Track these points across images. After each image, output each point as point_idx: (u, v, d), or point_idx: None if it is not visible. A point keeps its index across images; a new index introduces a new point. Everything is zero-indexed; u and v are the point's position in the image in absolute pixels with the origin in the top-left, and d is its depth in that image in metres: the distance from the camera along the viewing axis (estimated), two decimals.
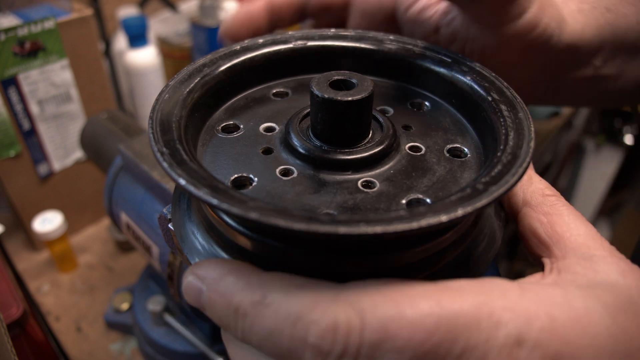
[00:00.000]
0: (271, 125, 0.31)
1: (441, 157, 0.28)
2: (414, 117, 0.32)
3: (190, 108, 0.29)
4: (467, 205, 0.21)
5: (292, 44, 0.34)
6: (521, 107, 0.27)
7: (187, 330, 0.57)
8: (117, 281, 0.77)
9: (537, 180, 0.28)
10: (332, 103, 0.26)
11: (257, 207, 0.20)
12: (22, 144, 0.72)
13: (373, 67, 0.35)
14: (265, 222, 0.20)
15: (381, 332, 0.19)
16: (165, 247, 0.49)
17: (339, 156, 0.27)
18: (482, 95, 0.29)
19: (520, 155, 0.24)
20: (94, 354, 0.66)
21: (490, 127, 0.28)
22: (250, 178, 0.27)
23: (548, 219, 0.26)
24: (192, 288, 0.23)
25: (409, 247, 0.24)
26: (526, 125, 0.26)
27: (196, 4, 1.09)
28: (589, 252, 0.24)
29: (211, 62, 0.32)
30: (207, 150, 0.29)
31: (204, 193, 0.21)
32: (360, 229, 0.19)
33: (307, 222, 0.19)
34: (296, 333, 0.20)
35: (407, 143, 0.29)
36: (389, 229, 0.19)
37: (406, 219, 0.20)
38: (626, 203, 1.68)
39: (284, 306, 0.20)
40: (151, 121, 0.26)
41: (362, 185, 0.26)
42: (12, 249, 0.81)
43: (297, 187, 0.26)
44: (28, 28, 0.66)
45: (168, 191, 0.48)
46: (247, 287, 0.21)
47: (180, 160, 0.23)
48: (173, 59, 1.05)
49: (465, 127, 0.31)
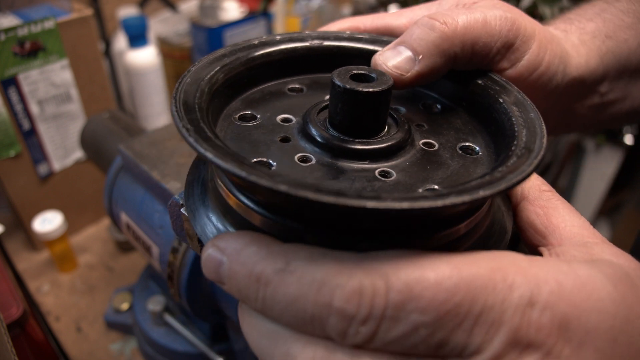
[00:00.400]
0: (288, 117, 0.32)
1: (454, 154, 0.29)
2: (426, 117, 0.33)
3: (211, 94, 0.30)
4: (487, 189, 0.21)
5: (309, 43, 0.35)
6: (532, 108, 0.28)
7: (187, 330, 0.57)
8: (117, 281, 0.77)
9: (534, 177, 0.30)
10: (353, 93, 0.27)
11: (286, 181, 0.21)
12: (22, 144, 0.72)
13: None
14: (294, 194, 0.20)
15: (406, 293, 0.20)
16: (165, 247, 0.49)
17: (357, 146, 0.28)
18: (493, 97, 0.30)
19: (534, 149, 0.25)
20: (94, 354, 0.66)
21: (502, 127, 0.29)
22: (270, 163, 0.27)
23: (544, 211, 0.27)
24: (212, 260, 0.23)
25: (425, 235, 0.24)
26: (538, 125, 0.27)
27: (196, 4, 1.09)
28: (583, 239, 0.26)
29: (230, 53, 0.33)
30: (226, 137, 0.30)
31: (232, 166, 0.21)
32: (387, 204, 0.20)
33: (336, 196, 0.20)
34: (321, 298, 0.20)
35: (420, 139, 0.30)
36: (416, 205, 0.20)
37: (431, 197, 0.20)
38: (626, 203, 1.68)
39: (308, 272, 0.21)
40: (174, 101, 0.27)
41: (379, 174, 0.27)
42: (12, 249, 0.81)
43: (316, 173, 0.27)
44: (28, 28, 0.66)
45: (168, 191, 0.48)
46: (270, 256, 0.22)
47: (205, 137, 0.24)
48: (173, 59, 1.05)
49: (476, 128, 0.32)
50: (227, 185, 0.27)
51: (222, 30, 0.99)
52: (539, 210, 0.28)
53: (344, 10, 1.24)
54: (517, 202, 0.29)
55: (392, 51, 0.31)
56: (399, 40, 0.32)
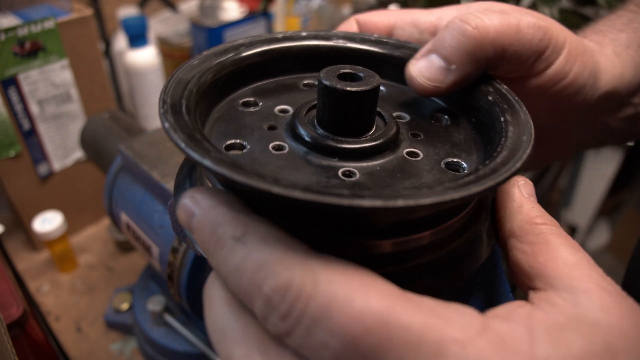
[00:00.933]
0: (287, 108, 0.32)
1: (435, 167, 0.28)
2: (428, 128, 0.32)
3: (214, 79, 0.31)
4: (410, 199, 0.20)
5: (333, 42, 0.35)
6: (529, 132, 0.26)
7: (187, 330, 0.57)
8: (117, 281, 0.77)
9: (528, 208, 0.26)
10: (331, 91, 0.27)
11: (220, 161, 0.22)
12: (22, 144, 0.72)
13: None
14: (213, 168, 0.21)
15: (324, 308, 0.19)
16: (165, 247, 0.49)
17: (328, 142, 0.28)
18: (496, 116, 0.29)
19: (498, 171, 0.23)
20: (94, 354, 0.66)
21: (494, 147, 0.27)
22: (243, 145, 0.28)
23: (532, 249, 0.24)
24: (187, 210, 0.24)
25: (375, 236, 0.24)
26: (521, 149, 0.25)
27: (196, 4, 1.09)
28: (572, 283, 0.22)
29: (250, 43, 0.34)
30: (220, 118, 0.31)
31: (168, 124, 0.24)
32: (289, 192, 0.20)
33: (247, 177, 0.21)
34: (256, 278, 0.20)
35: (407, 148, 0.29)
36: (319, 199, 0.20)
37: (408, 196, 0.20)
38: (626, 203, 1.68)
39: (256, 250, 0.21)
40: (170, 78, 0.28)
41: (342, 173, 0.27)
42: (12, 249, 0.81)
43: (281, 162, 0.27)
44: (28, 28, 0.66)
45: (168, 191, 0.48)
46: (233, 222, 0.22)
47: (176, 111, 0.26)
48: (173, 59, 1.05)
49: (476, 146, 0.30)
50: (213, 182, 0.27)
51: (222, 30, 0.99)
52: (527, 248, 0.24)
53: (344, 10, 1.24)
54: (505, 239, 0.27)
55: (425, 61, 0.30)
56: (430, 48, 0.31)
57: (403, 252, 0.25)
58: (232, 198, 0.23)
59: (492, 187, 0.22)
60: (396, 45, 0.35)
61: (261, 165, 0.27)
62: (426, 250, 0.25)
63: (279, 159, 0.27)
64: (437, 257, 0.26)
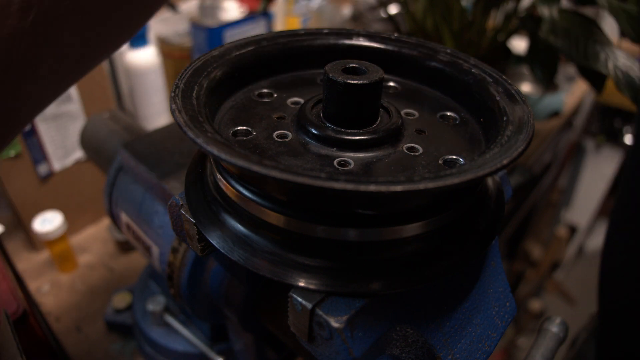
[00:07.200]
0: (299, 100, 0.33)
1: (432, 163, 0.28)
2: (435, 126, 0.32)
3: (230, 68, 0.32)
4: (387, 184, 0.21)
5: (354, 41, 0.36)
6: (527, 131, 0.26)
7: (187, 330, 0.57)
8: (117, 281, 0.77)
9: None
10: (334, 83, 0.28)
11: (215, 142, 0.23)
12: (22, 144, 0.72)
13: (422, 75, 0.36)
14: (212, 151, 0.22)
15: None
16: (165, 247, 0.49)
17: (328, 132, 0.28)
18: (500, 115, 0.29)
19: (485, 164, 0.23)
20: (94, 354, 0.66)
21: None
22: (249, 131, 0.30)
23: None
24: None
25: (378, 224, 0.25)
26: (515, 147, 0.25)
27: (196, 4, 1.09)
28: None
29: (272, 37, 0.35)
30: (234, 106, 0.32)
31: (177, 108, 0.25)
32: (269, 172, 0.21)
33: (248, 162, 0.21)
34: None
35: (408, 143, 0.30)
36: (297, 179, 0.21)
37: (381, 182, 0.21)
38: None
39: None
40: (189, 65, 0.29)
41: (337, 162, 0.27)
42: (12, 249, 0.81)
43: (281, 148, 0.28)
44: None
45: (168, 191, 0.48)
46: None
47: (188, 96, 0.27)
48: (173, 59, 1.05)
49: (480, 146, 0.30)
50: (225, 176, 0.28)
51: (222, 30, 0.99)
52: None
53: (344, 10, 1.24)
54: None
55: None
56: None
57: (399, 241, 0.25)
58: None
59: (471, 180, 0.22)
60: (414, 45, 0.36)
61: (262, 151, 0.28)
62: (418, 241, 0.26)
63: (280, 146, 0.28)
64: (429, 249, 0.26)
